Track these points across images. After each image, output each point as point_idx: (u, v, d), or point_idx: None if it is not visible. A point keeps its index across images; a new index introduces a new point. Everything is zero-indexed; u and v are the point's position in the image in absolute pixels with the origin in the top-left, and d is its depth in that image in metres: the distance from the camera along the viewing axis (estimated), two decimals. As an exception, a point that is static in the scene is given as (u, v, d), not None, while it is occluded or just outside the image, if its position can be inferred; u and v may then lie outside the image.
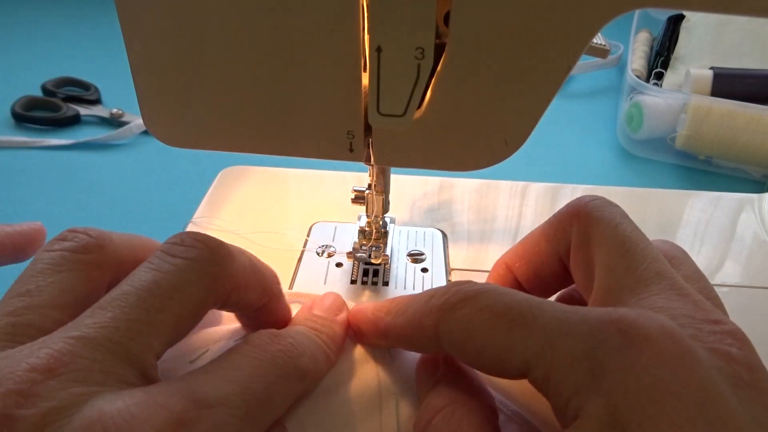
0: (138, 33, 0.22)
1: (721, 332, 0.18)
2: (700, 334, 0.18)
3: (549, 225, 0.24)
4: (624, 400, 0.16)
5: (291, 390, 0.21)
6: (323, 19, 0.20)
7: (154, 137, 0.25)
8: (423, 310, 0.21)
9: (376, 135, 0.23)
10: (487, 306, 0.19)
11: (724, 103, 0.55)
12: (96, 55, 0.78)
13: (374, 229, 0.31)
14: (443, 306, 0.20)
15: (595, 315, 0.18)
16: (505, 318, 0.19)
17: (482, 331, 0.19)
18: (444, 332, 0.20)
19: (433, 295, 0.21)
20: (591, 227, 0.22)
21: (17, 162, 0.56)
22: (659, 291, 0.20)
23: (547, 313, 0.18)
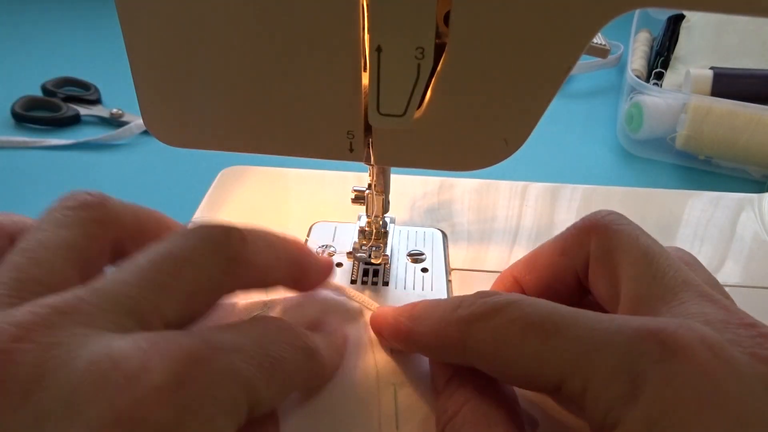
0: (138, 33, 0.22)
1: (759, 335, 0.18)
2: (739, 339, 0.18)
3: (563, 239, 0.24)
4: (662, 413, 0.16)
5: (301, 363, 0.20)
6: (323, 19, 0.20)
7: (154, 137, 0.25)
8: (449, 319, 0.21)
9: (376, 135, 0.23)
10: (519, 317, 0.19)
11: (724, 103, 0.55)
12: (96, 55, 0.78)
13: (374, 229, 0.31)
14: (471, 317, 0.20)
15: (633, 325, 0.18)
16: (539, 329, 0.18)
17: (514, 342, 0.19)
18: (472, 344, 0.20)
19: (460, 304, 0.21)
20: (612, 240, 0.22)
21: (17, 162, 0.56)
22: (689, 298, 0.19)
23: (582, 323, 0.18)
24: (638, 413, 0.16)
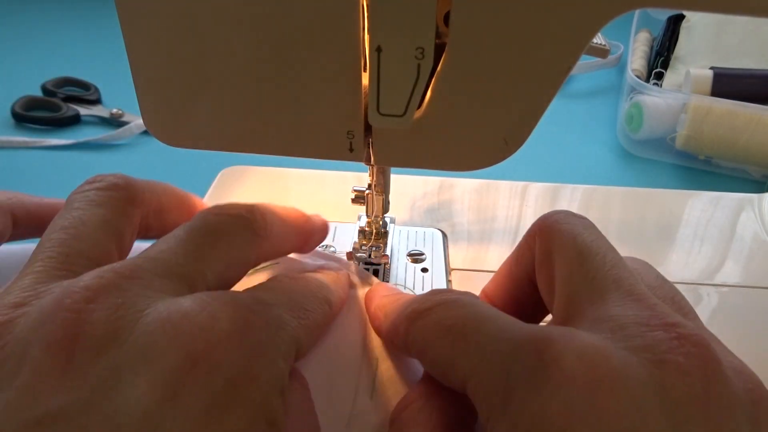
0: (138, 33, 0.22)
1: (678, 337, 0.16)
2: (653, 343, 0.16)
3: (517, 248, 0.24)
4: (529, 425, 0.15)
5: (326, 313, 0.23)
6: (323, 19, 0.20)
7: (154, 137, 0.25)
8: (401, 316, 0.22)
9: (376, 135, 0.23)
10: (441, 318, 0.20)
11: (724, 103, 0.55)
12: (96, 55, 0.78)
13: (374, 229, 0.31)
14: (413, 314, 0.21)
15: (523, 333, 0.17)
16: (453, 332, 0.19)
17: (433, 342, 0.19)
18: (410, 340, 0.21)
19: (414, 301, 0.22)
20: (552, 241, 0.22)
21: (17, 162, 0.56)
22: (614, 299, 0.18)
23: (486, 328, 0.18)
24: (505, 425, 0.16)
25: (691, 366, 0.16)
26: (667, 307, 0.18)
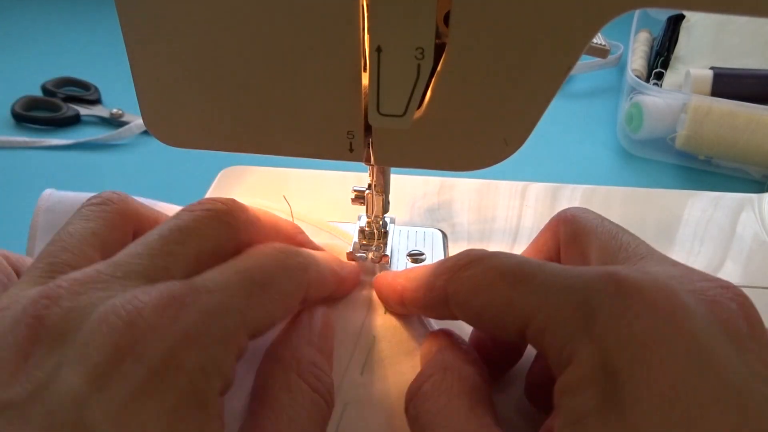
0: (138, 33, 0.22)
1: (721, 286, 0.19)
2: (699, 288, 0.19)
3: (536, 240, 0.27)
4: (615, 346, 0.17)
5: (295, 278, 0.23)
6: (323, 19, 0.20)
7: (154, 137, 0.25)
8: (435, 272, 0.23)
9: (376, 135, 0.23)
10: (494, 266, 0.21)
11: (724, 103, 0.55)
12: (96, 55, 0.78)
13: (374, 229, 0.31)
14: (452, 267, 0.22)
15: (592, 270, 0.19)
16: (508, 277, 0.20)
17: (487, 288, 0.21)
18: (452, 292, 0.22)
19: (446, 260, 0.23)
20: (578, 224, 0.24)
21: (17, 162, 0.56)
22: (653, 261, 0.21)
23: (548, 271, 0.20)
24: (592, 346, 0.17)
25: (737, 309, 0.18)
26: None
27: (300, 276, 0.23)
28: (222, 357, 0.19)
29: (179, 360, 0.18)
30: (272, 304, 0.21)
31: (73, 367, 0.17)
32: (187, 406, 0.17)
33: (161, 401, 0.17)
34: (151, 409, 0.17)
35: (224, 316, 0.19)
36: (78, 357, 0.17)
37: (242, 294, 0.20)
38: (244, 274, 0.21)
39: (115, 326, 0.18)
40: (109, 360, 0.17)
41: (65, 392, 0.17)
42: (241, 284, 0.21)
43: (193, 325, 0.18)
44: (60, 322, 0.18)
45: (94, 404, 0.17)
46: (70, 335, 0.18)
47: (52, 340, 0.18)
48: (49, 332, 0.18)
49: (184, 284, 0.20)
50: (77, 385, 0.17)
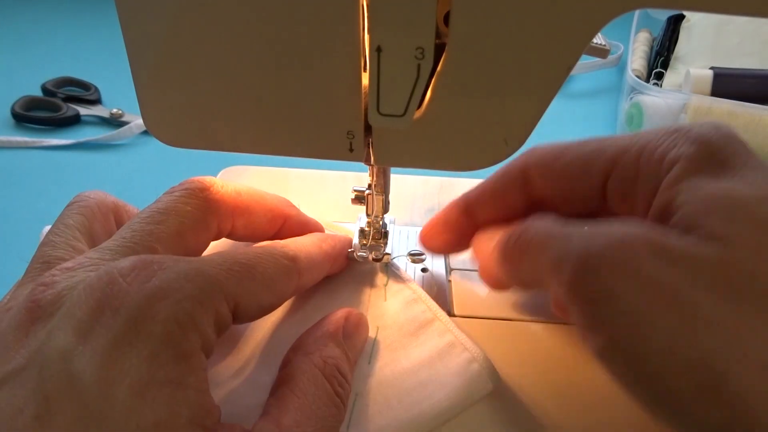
0: (138, 33, 0.22)
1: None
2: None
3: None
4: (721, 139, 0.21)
5: (281, 265, 0.24)
6: (323, 19, 0.20)
7: (154, 137, 0.25)
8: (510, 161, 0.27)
9: (376, 135, 0.23)
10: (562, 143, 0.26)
11: (724, 103, 0.55)
12: (96, 55, 0.78)
13: (374, 229, 0.31)
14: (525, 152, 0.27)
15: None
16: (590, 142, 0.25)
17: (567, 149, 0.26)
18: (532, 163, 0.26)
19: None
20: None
21: (17, 162, 0.56)
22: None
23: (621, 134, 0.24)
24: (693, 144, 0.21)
25: None
26: None
27: (286, 264, 0.24)
28: (197, 314, 0.19)
29: (154, 311, 0.19)
30: (255, 284, 0.22)
31: (61, 328, 0.19)
32: (165, 355, 0.18)
33: (140, 349, 0.18)
34: (131, 356, 0.18)
35: (200, 279, 0.20)
36: (65, 318, 0.19)
37: (223, 267, 0.21)
38: (226, 254, 0.22)
39: (96, 287, 0.19)
40: (90, 315, 0.19)
41: (54, 350, 0.18)
42: (223, 259, 0.22)
43: (167, 281, 0.20)
44: (54, 300, 0.20)
45: (78, 355, 0.18)
46: (60, 307, 0.20)
47: (47, 316, 0.20)
48: (45, 310, 0.20)
49: (165, 255, 0.21)
50: (64, 342, 0.18)
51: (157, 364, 0.18)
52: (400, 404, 0.24)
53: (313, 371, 0.23)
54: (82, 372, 0.18)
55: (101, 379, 0.18)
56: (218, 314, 0.20)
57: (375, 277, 0.31)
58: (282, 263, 0.24)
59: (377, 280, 0.31)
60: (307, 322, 0.26)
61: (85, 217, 0.25)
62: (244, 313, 0.22)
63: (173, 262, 0.20)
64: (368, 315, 0.28)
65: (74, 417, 0.17)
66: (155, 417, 0.18)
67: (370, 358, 0.26)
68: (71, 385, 0.18)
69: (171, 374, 0.18)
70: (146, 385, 0.18)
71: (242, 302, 0.21)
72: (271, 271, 0.23)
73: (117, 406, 0.17)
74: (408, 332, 0.28)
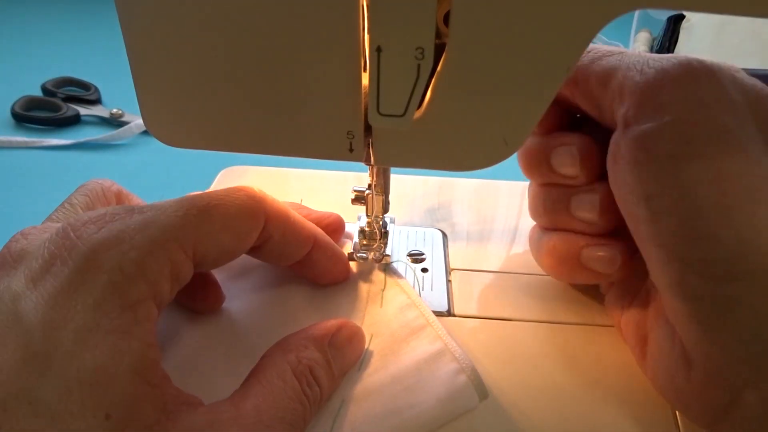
0: (138, 33, 0.22)
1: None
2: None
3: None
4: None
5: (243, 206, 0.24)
6: (323, 19, 0.20)
7: (154, 137, 0.25)
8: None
9: (376, 135, 0.23)
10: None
11: (724, 103, 0.55)
12: (96, 55, 0.78)
13: (374, 230, 0.31)
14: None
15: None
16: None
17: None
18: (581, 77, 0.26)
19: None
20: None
21: (17, 162, 0.56)
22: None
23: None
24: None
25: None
26: None
27: (250, 203, 0.24)
28: (147, 263, 0.20)
29: (99, 261, 0.19)
30: (212, 226, 0.22)
31: (18, 277, 0.20)
32: (110, 304, 0.19)
33: (85, 296, 0.19)
34: (77, 302, 0.19)
35: (151, 228, 0.21)
36: (23, 268, 0.20)
37: (178, 214, 0.21)
38: (183, 200, 0.22)
39: (53, 240, 0.20)
40: (43, 265, 0.20)
41: (7, 294, 0.19)
42: (179, 205, 0.22)
43: (115, 232, 0.20)
44: (21, 251, 0.21)
45: (26, 299, 0.19)
46: (26, 255, 0.21)
47: (11, 266, 0.21)
48: (12, 260, 0.21)
49: (123, 206, 0.22)
50: (17, 287, 0.19)
51: (102, 312, 0.19)
52: (384, 410, 0.24)
53: (283, 366, 0.23)
54: (27, 314, 0.19)
55: (45, 322, 0.18)
56: (174, 263, 0.21)
57: (373, 280, 0.31)
58: (244, 202, 0.24)
59: (375, 285, 0.31)
60: (300, 323, 0.26)
61: (89, 198, 0.26)
62: (204, 258, 0.22)
63: (126, 213, 0.21)
64: (364, 322, 0.28)
65: (16, 356, 0.18)
66: (95, 363, 0.18)
67: (361, 365, 0.26)
68: (16, 324, 0.18)
69: (115, 323, 0.19)
70: (89, 331, 0.18)
71: (201, 247, 0.22)
72: (232, 211, 0.23)
73: (59, 349, 0.18)
74: (400, 338, 0.27)
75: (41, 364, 0.18)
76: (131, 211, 0.21)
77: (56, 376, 0.18)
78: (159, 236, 0.21)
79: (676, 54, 0.22)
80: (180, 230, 0.21)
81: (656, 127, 0.22)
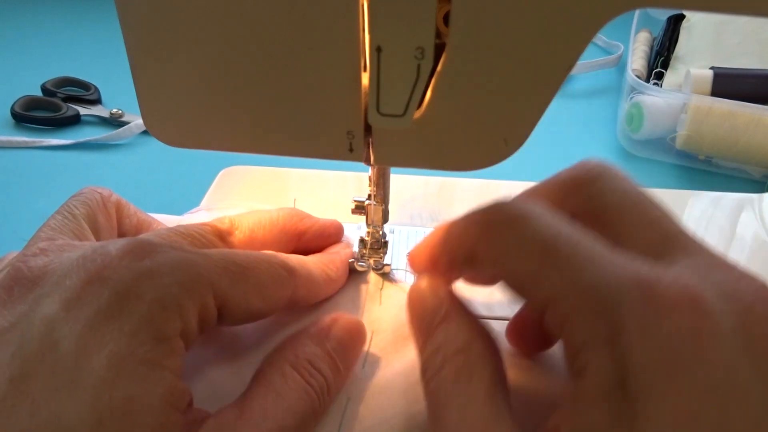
0: (138, 33, 0.22)
1: (761, 288, 0.18)
2: (738, 292, 0.17)
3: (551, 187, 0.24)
4: (636, 366, 0.16)
5: (276, 273, 0.24)
6: (323, 18, 0.20)
7: (154, 137, 0.25)
8: (467, 225, 0.22)
9: (376, 135, 0.23)
10: (526, 231, 0.19)
11: (724, 103, 0.55)
12: (96, 55, 0.78)
13: (374, 239, 0.31)
14: (483, 222, 0.21)
15: (627, 269, 0.17)
16: (540, 248, 0.19)
17: (516, 253, 0.19)
18: (482, 248, 0.21)
19: (477, 213, 0.21)
20: (601, 197, 0.22)
21: (17, 162, 0.56)
22: (689, 245, 0.20)
23: (582, 254, 0.18)
24: (609, 361, 0.16)
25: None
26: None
27: (282, 274, 0.24)
28: (182, 300, 0.20)
29: (140, 290, 0.19)
30: (246, 286, 0.22)
31: (49, 296, 0.19)
32: (146, 334, 0.19)
33: (122, 323, 0.19)
34: (113, 330, 0.18)
35: (190, 269, 0.20)
36: (54, 286, 0.20)
37: (218, 263, 0.21)
38: (226, 253, 0.23)
39: (89, 258, 0.20)
40: (79, 285, 0.19)
41: (39, 316, 0.19)
42: (221, 257, 0.22)
43: (157, 264, 0.20)
44: (42, 267, 0.21)
45: (60, 322, 0.19)
46: (50, 275, 0.20)
47: (33, 283, 0.20)
48: (32, 272, 0.21)
49: (160, 242, 0.21)
50: (49, 309, 0.19)
51: (137, 341, 0.18)
52: (393, 408, 0.24)
53: (282, 364, 0.23)
54: (61, 339, 0.18)
55: (79, 348, 0.18)
56: (204, 307, 0.21)
57: (370, 280, 0.31)
58: (278, 272, 0.24)
59: (373, 284, 0.31)
60: (302, 323, 0.26)
61: (90, 208, 0.26)
62: (231, 313, 0.22)
63: (168, 248, 0.21)
64: (363, 320, 0.28)
65: (48, 382, 0.18)
66: (128, 392, 0.18)
67: (365, 363, 0.26)
68: (49, 350, 0.18)
69: (149, 354, 0.19)
70: (124, 359, 0.18)
71: (230, 302, 0.22)
72: (264, 277, 0.23)
73: (92, 376, 0.18)
74: (402, 335, 0.28)
75: (73, 391, 0.18)
76: (172, 247, 0.21)
77: (88, 405, 0.17)
78: (197, 278, 0.20)
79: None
80: (216, 279, 0.21)
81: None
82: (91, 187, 0.27)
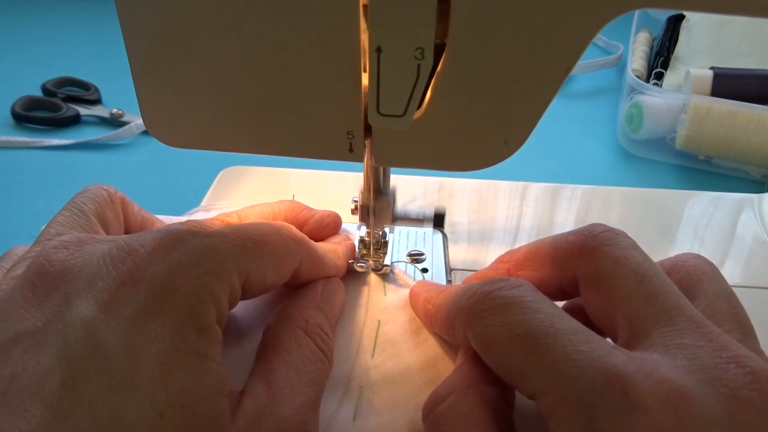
0: (138, 33, 0.22)
1: (751, 372, 0.17)
2: (726, 378, 0.17)
3: (555, 250, 0.24)
4: None
5: (287, 245, 0.24)
6: (323, 19, 0.20)
7: (154, 137, 0.25)
8: (456, 308, 0.23)
9: (376, 135, 0.23)
10: (510, 323, 0.20)
11: (724, 103, 0.55)
12: (96, 55, 0.78)
13: (374, 240, 0.31)
14: (471, 310, 0.22)
15: (604, 364, 0.18)
16: (522, 342, 0.19)
17: (501, 347, 0.20)
18: (470, 335, 0.21)
19: (465, 293, 0.22)
20: (600, 263, 0.22)
21: (17, 162, 0.56)
22: (683, 325, 0.19)
23: (562, 348, 0.18)
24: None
25: (764, 404, 0.16)
26: (730, 337, 0.19)
27: (292, 245, 0.24)
28: (215, 288, 0.20)
29: (175, 283, 0.19)
30: (263, 261, 0.22)
31: (82, 297, 0.19)
32: (188, 327, 0.19)
33: (164, 320, 0.19)
34: (156, 327, 0.19)
35: (216, 254, 0.21)
36: (85, 287, 0.19)
37: (236, 242, 0.22)
38: (239, 229, 0.23)
39: (117, 256, 0.20)
40: (112, 285, 0.19)
41: (77, 318, 0.19)
42: (237, 235, 0.22)
43: (186, 255, 0.20)
44: (63, 261, 0.20)
45: (101, 325, 0.19)
46: (76, 271, 0.20)
47: (60, 281, 0.20)
48: (54, 267, 0.20)
49: (187, 228, 0.22)
50: (86, 311, 0.19)
51: (181, 335, 0.19)
52: (409, 402, 0.25)
53: (295, 330, 0.23)
54: (107, 341, 0.18)
55: (126, 348, 0.18)
56: (232, 289, 0.21)
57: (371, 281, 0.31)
58: (288, 243, 0.24)
59: (376, 277, 0.31)
60: None
61: (98, 204, 0.26)
62: (251, 288, 0.22)
63: (191, 235, 0.21)
64: (368, 309, 0.29)
65: (102, 384, 0.18)
66: (182, 385, 0.18)
67: (374, 352, 0.27)
68: (97, 353, 0.18)
69: (194, 346, 0.19)
70: (172, 354, 0.18)
71: (251, 278, 0.22)
72: (278, 250, 0.23)
73: (144, 374, 0.18)
74: (410, 330, 0.28)
75: (129, 391, 0.18)
76: (195, 234, 0.21)
77: (147, 402, 0.18)
78: (224, 263, 0.21)
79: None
80: (239, 259, 0.21)
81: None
82: (97, 185, 0.27)
